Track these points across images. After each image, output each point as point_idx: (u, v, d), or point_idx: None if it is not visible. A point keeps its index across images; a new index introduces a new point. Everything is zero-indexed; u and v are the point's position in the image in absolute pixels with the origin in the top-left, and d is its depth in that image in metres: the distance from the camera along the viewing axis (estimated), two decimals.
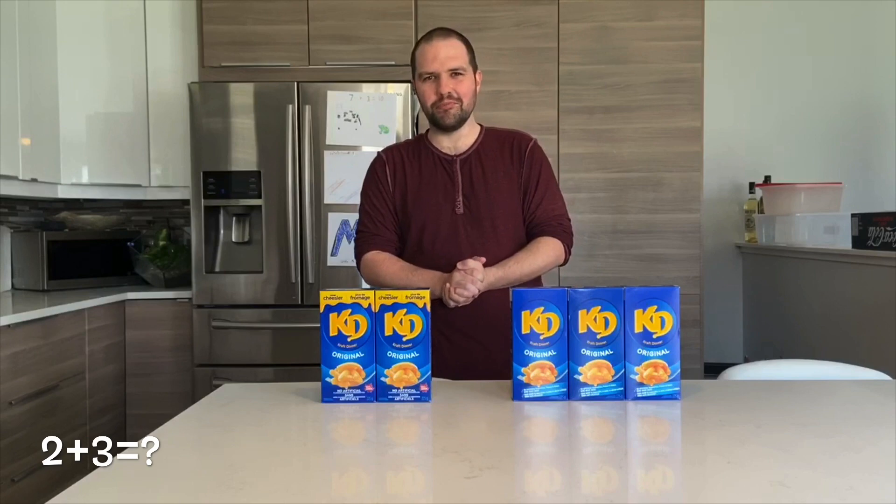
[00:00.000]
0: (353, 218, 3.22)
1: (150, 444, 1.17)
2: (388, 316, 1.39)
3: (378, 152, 2.04)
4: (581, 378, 1.41)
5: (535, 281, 1.95)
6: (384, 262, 1.90)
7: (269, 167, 3.24)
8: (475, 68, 1.95)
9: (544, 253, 1.91)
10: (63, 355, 2.88)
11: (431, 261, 1.86)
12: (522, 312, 1.40)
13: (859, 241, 2.72)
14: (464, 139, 1.95)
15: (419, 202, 1.92)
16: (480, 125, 2.00)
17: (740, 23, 4.03)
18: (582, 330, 1.40)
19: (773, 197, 3.67)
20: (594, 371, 1.40)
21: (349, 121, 3.21)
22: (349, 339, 1.39)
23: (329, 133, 3.22)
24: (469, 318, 1.83)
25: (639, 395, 1.40)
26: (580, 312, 1.40)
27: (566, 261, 1.98)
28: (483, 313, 1.81)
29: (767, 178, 3.91)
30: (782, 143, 4.06)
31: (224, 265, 3.35)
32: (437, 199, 1.92)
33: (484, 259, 1.79)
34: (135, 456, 1.11)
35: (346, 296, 1.39)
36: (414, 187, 1.94)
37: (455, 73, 1.88)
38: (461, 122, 1.92)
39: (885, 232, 2.56)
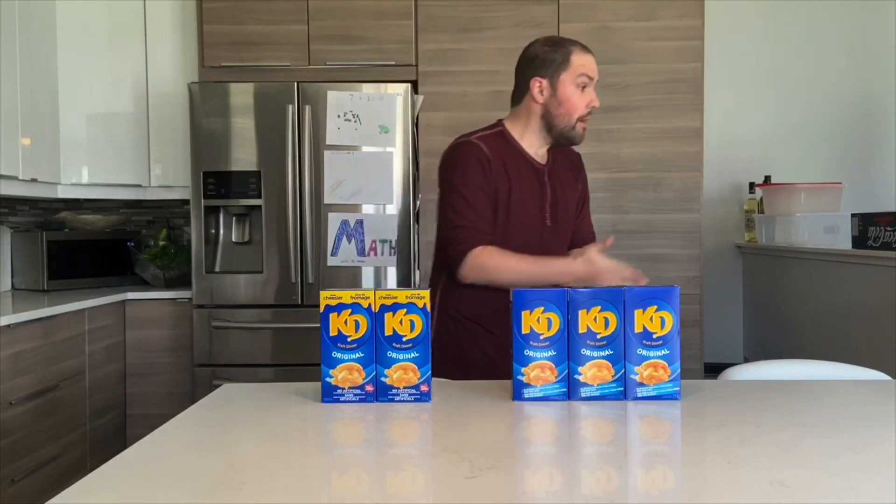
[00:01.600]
0: (353, 218, 3.22)
1: (149, 443, 1.17)
2: (388, 316, 1.39)
3: (474, 141, 1.85)
4: (581, 378, 1.41)
5: None
6: (504, 255, 1.78)
7: (269, 167, 3.24)
8: None
9: None
10: (63, 355, 2.88)
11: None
12: (522, 312, 1.40)
13: (859, 241, 2.72)
14: (545, 147, 1.92)
15: (519, 208, 1.84)
16: None
17: (740, 23, 4.03)
18: (582, 330, 1.40)
19: (773, 197, 3.67)
20: (594, 371, 1.40)
21: (349, 121, 3.21)
22: (349, 339, 1.39)
23: (329, 133, 3.22)
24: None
25: (639, 395, 1.40)
26: (580, 312, 1.40)
27: None
28: None
29: (767, 178, 3.91)
30: (782, 143, 4.06)
31: (224, 265, 3.35)
32: (532, 209, 1.87)
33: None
34: (135, 456, 1.12)
35: (346, 296, 1.39)
36: (513, 188, 1.84)
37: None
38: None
39: (885, 232, 2.56)
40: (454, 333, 1.88)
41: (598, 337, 1.40)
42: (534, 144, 1.89)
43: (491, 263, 1.77)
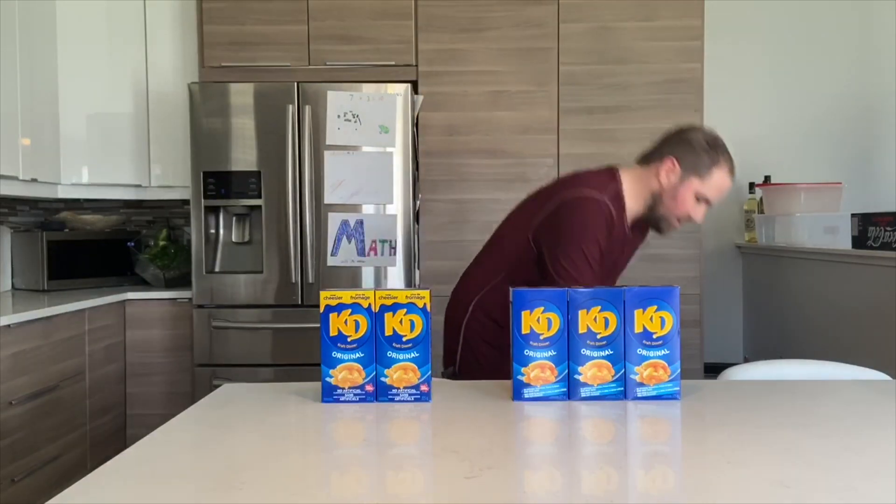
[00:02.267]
0: (352, 218, 3.22)
1: (149, 443, 1.17)
2: (388, 316, 1.39)
3: (604, 202, 1.84)
4: (581, 378, 1.41)
5: None
6: None
7: (269, 167, 3.24)
8: None
9: None
10: (63, 355, 2.88)
11: None
12: (522, 312, 1.40)
13: (859, 241, 2.72)
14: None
15: (603, 271, 1.88)
16: None
17: (740, 23, 4.03)
18: (582, 330, 1.40)
19: (773, 197, 3.67)
20: (594, 371, 1.40)
21: (349, 121, 3.21)
22: (349, 339, 1.39)
23: (329, 133, 3.22)
24: None
25: (639, 395, 1.40)
26: (580, 312, 1.40)
27: None
28: None
29: (767, 178, 3.92)
30: (782, 143, 4.06)
31: (224, 265, 3.35)
32: (611, 274, 1.95)
33: None
34: (135, 456, 1.12)
35: (346, 296, 1.39)
36: (608, 252, 1.87)
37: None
38: None
39: (885, 232, 2.56)
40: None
41: (598, 337, 1.40)
42: (632, 209, 1.90)
43: None
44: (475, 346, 1.98)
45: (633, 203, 1.89)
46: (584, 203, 1.83)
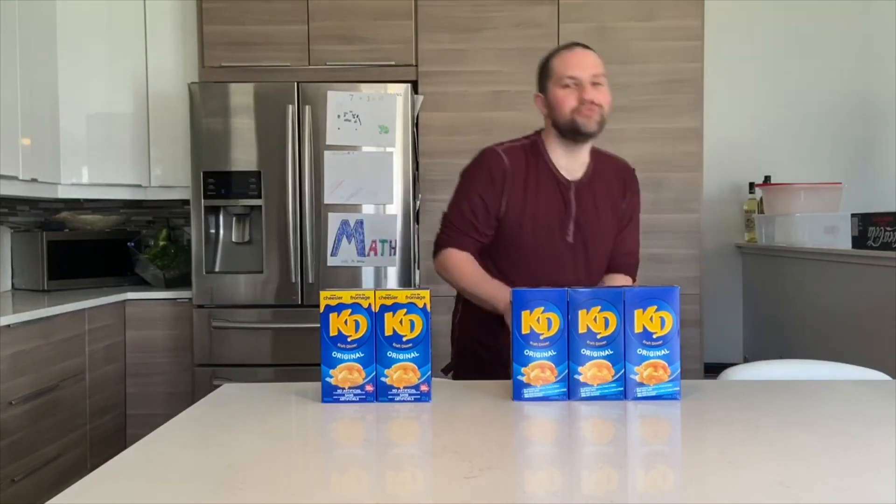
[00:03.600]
0: (352, 218, 3.22)
1: (149, 443, 1.17)
2: (388, 316, 1.39)
3: (497, 150, 1.93)
4: (581, 378, 1.41)
5: None
6: (466, 262, 1.87)
7: (269, 167, 3.24)
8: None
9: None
10: (63, 355, 2.88)
11: (533, 282, 1.77)
12: (522, 312, 1.40)
13: (859, 241, 2.72)
14: (581, 158, 1.92)
15: (534, 223, 1.87)
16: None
17: (740, 23, 4.03)
18: (582, 330, 1.40)
19: (773, 197, 3.67)
20: (594, 371, 1.40)
21: (349, 121, 3.21)
22: (349, 339, 1.39)
23: (329, 133, 3.22)
24: None
25: (639, 395, 1.40)
26: (580, 312, 1.40)
27: None
28: None
29: (767, 178, 3.91)
30: (782, 143, 4.06)
31: (224, 265, 3.35)
32: (551, 224, 1.87)
33: None
34: (135, 456, 1.12)
35: (346, 296, 1.39)
36: (528, 202, 1.87)
37: (595, 82, 1.85)
38: (601, 129, 1.87)
39: (885, 232, 2.56)
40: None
41: (598, 337, 1.40)
42: (561, 155, 1.90)
43: (455, 268, 1.88)
44: (465, 343, 1.99)
45: (555, 146, 1.91)
46: (479, 154, 1.95)
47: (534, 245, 1.88)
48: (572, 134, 1.86)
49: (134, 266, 3.64)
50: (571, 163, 1.91)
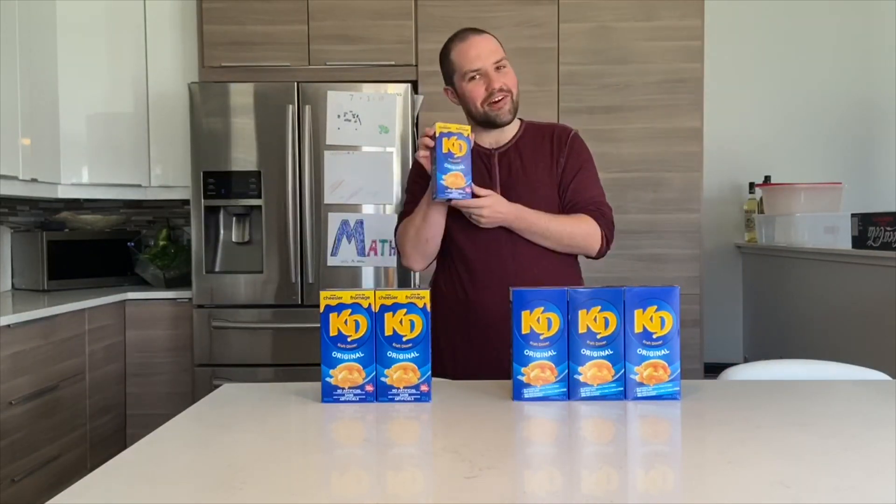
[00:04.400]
0: (353, 218, 3.22)
1: (149, 443, 1.17)
2: (388, 316, 1.39)
3: None
4: (581, 378, 1.40)
5: (577, 277, 1.96)
6: (402, 224, 1.94)
7: (269, 167, 3.24)
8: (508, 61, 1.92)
9: (575, 221, 1.87)
10: (63, 355, 2.88)
11: (470, 254, 1.88)
12: (522, 312, 1.40)
13: (859, 241, 2.72)
14: (505, 133, 1.93)
15: None
16: (520, 119, 1.97)
17: (740, 23, 4.03)
18: (582, 330, 1.40)
19: (773, 197, 3.67)
20: (594, 371, 1.40)
21: (349, 121, 3.21)
22: (349, 339, 1.39)
23: (329, 133, 3.22)
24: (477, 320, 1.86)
25: (639, 395, 1.40)
26: (580, 312, 1.40)
27: (602, 250, 1.92)
28: (491, 316, 1.82)
29: (767, 178, 3.92)
30: (782, 143, 4.06)
31: (224, 265, 3.35)
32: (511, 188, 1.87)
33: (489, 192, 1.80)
34: (135, 456, 1.12)
35: (346, 296, 1.39)
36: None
37: (499, 66, 1.85)
38: (515, 114, 1.89)
39: (885, 232, 2.56)
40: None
41: (598, 337, 1.40)
42: (485, 136, 1.92)
43: (399, 234, 1.95)
44: (439, 337, 1.96)
45: (477, 129, 1.90)
46: None
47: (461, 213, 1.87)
48: (488, 125, 1.89)
49: (134, 266, 3.64)
50: (495, 138, 1.93)
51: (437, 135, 1.69)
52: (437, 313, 1.90)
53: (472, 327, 1.87)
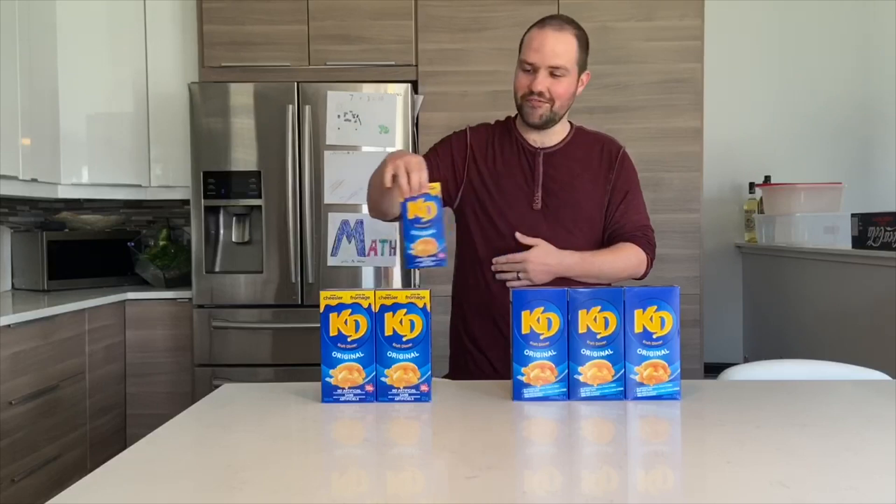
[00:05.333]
0: (353, 218, 3.22)
1: (149, 443, 1.17)
2: (388, 316, 1.39)
3: (465, 128, 1.93)
4: (581, 378, 1.41)
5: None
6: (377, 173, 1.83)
7: (269, 167, 3.24)
8: (583, 68, 1.82)
9: (626, 256, 1.81)
10: (63, 355, 2.88)
11: (502, 246, 1.79)
12: (522, 312, 1.40)
13: (859, 241, 2.72)
14: (552, 135, 1.85)
15: (497, 188, 1.83)
16: (571, 123, 1.91)
17: (740, 23, 4.03)
18: (582, 330, 1.40)
19: (773, 197, 3.67)
20: (594, 371, 1.40)
21: (349, 121, 3.21)
22: (349, 339, 1.39)
23: (329, 133, 3.22)
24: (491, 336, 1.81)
25: (639, 395, 1.40)
26: (580, 312, 1.40)
27: (646, 273, 1.88)
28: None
29: (767, 178, 3.91)
30: (782, 143, 4.06)
31: (224, 265, 3.35)
32: (515, 191, 1.82)
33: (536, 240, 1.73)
34: (135, 456, 1.12)
35: (346, 296, 1.39)
36: (489, 169, 1.84)
37: (555, 71, 1.75)
38: (548, 123, 1.81)
39: (885, 232, 2.56)
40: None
41: (598, 337, 1.40)
42: (530, 131, 1.85)
43: (370, 182, 1.89)
44: (454, 342, 1.96)
45: (520, 121, 1.86)
46: None
47: (498, 210, 1.82)
48: (524, 120, 1.83)
49: (134, 266, 3.64)
50: (542, 137, 1.85)
51: (402, 201, 1.58)
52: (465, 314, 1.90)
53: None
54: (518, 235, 1.75)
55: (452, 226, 1.91)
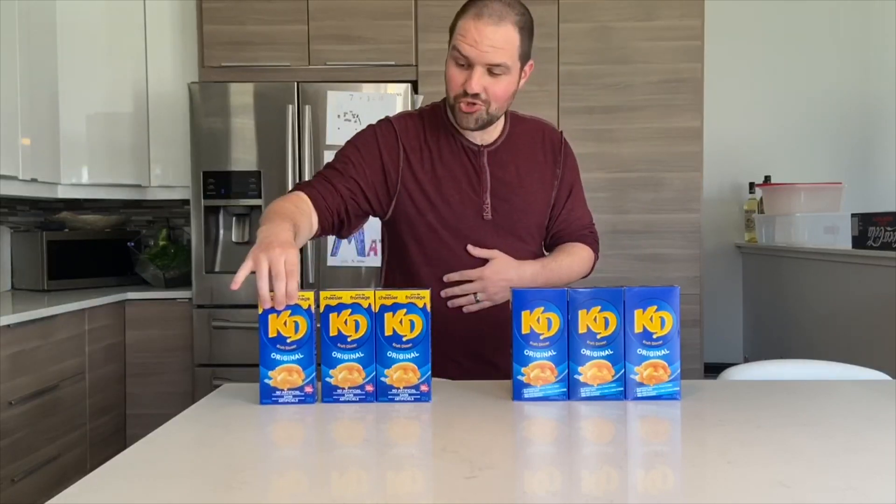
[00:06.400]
0: None
1: (149, 443, 1.17)
2: (388, 316, 1.39)
3: (390, 119, 1.65)
4: (581, 378, 1.40)
5: None
6: (288, 197, 1.52)
7: (269, 167, 3.24)
8: (525, 60, 1.59)
9: (581, 258, 1.70)
10: (63, 355, 2.88)
11: (456, 266, 1.59)
12: (522, 312, 1.40)
13: (859, 241, 2.72)
14: (492, 129, 1.63)
15: (438, 196, 1.59)
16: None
17: (740, 23, 4.03)
18: (582, 330, 1.40)
19: (773, 197, 3.67)
20: (594, 371, 1.40)
21: (349, 121, 3.21)
22: (349, 339, 1.39)
23: (329, 133, 3.22)
24: (477, 337, 1.64)
25: (639, 395, 1.40)
26: (580, 312, 1.40)
27: (592, 271, 1.79)
28: (490, 330, 1.62)
29: (767, 178, 3.92)
30: (782, 143, 4.06)
31: (224, 265, 3.35)
32: (461, 199, 1.59)
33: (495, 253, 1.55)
34: (135, 456, 1.11)
35: (346, 296, 1.39)
36: (426, 172, 1.59)
37: (494, 69, 1.52)
38: (484, 126, 1.57)
39: (885, 232, 2.56)
40: None
41: (598, 337, 1.40)
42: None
43: (279, 200, 1.51)
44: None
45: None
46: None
47: (444, 223, 1.58)
48: (456, 121, 1.59)
49: (134, 266, 3.64)
50: (483, 133, 1.61)
51: (261, 313, 1.40)
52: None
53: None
54: (470, 248, 1.57)
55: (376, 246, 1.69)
